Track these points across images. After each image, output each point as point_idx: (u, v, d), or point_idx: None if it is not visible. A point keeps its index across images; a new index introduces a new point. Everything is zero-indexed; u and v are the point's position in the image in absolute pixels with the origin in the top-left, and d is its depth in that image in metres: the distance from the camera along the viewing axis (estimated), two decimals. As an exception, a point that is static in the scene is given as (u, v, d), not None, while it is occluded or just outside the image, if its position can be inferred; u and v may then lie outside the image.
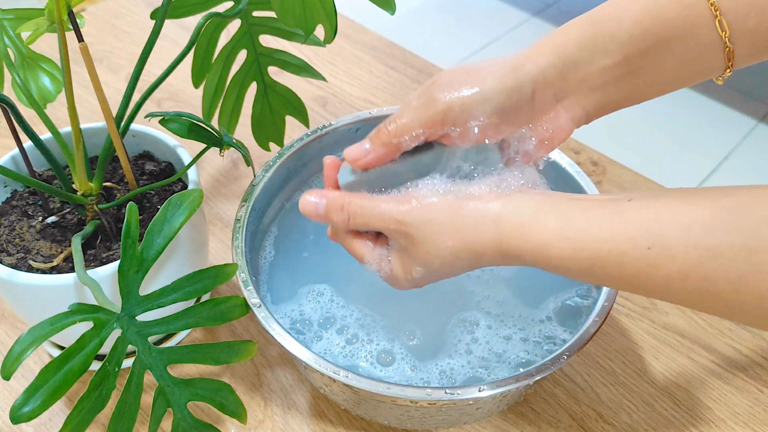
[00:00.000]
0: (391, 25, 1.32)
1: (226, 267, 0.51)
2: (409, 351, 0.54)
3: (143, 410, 0.56)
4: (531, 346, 0.53)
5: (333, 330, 0.55)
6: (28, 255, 0.54)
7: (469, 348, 0.53)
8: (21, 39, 0.55)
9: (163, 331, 0.49)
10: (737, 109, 1.86)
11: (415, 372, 0.52)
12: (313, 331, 0.55)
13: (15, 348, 0.43)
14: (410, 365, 0.53)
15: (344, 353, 0.53)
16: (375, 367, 0.53)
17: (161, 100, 0.89)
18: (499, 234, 0.44)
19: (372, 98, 0.89)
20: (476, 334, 0.54)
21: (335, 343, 0.54)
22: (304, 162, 0.63)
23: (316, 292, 0.57)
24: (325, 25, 0.55)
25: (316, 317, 0.56)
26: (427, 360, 0.53)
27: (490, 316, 0.55)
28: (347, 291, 0.57)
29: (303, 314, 0.56)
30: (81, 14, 0.73)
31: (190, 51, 0.56)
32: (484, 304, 0.56)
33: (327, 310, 0.56)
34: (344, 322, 0.55)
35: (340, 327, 0.55)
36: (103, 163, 0.56)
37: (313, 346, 0.54)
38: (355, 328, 0.55)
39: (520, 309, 0.56)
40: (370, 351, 0.54)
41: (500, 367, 0.52)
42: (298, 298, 0.57)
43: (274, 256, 0.60)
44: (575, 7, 2.23)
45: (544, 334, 0.54)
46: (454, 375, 0.52)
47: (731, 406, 0.58)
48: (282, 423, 0.57)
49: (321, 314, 0.56)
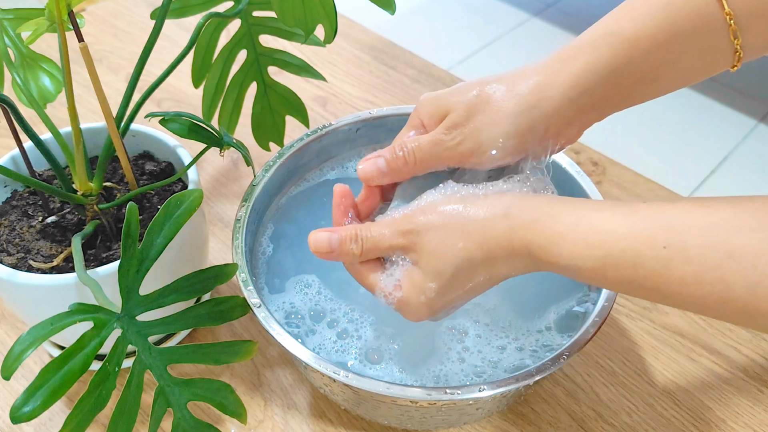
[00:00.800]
0: (391, 25, 1.32)
1: (226, 267, 0.51)
2: (397, 353, 0.53)
3: (143, 410, 0.56)
4: (527, 354, 0.53)
5: (324, 323, 0.54)
6: (28, 255, 0.54)
7: (461, 356, 0.53)
8: (21, 39, 0.55)
9: (163, 331, 0.49)
10: (737, 109, 1.86)
11: (404, 374, 0.52)
12: (306, 326, 0.54)
13: (15, 348, 0.43)
14: (399, 367, 0.52)
15: (336, 348, 0.53)
16: (365, 365, 0.52)
17: (161, 100, 0.89)
18: (510, 228, 0.42)
19: (372, 98, 0.89)
20: (466, 342, 0.54)
21: (328, 338, 0.54)
22: (304, 162, 0.63)
23: (303, 284, 0.57)
24: (325, 25, 0.55)
25: (306, 309, 0.55)
26: (419, 365, 0.53)
27: (479, 325, 0.54)
28: (334, 283, 0.57)
29: (294, 306, 0.55)
30: (81, 14, 0.73)
31: (190, 51, 0.56)
32: (473, 312, 0.55)
33: (316, 302, 0.56)
34: (333, 315, 0.55)
35: (330, 320, 0.55)
36: (103, 163, 0.56)
37: (308, 341, 0.53)
38: (345, 323, 0.55)
39: (515, 318, 0.55)
40: (360, 347, 0.53)
41: (496, 374, 0.52)
42: (288, 290, 0.56)
43: (270, 251, 0.59)
44: (575, 7, 2.23)
45: (542, 343, 0.53)
46: (449, 380, 0.52)
47: (731, 406, 0.58)
48: (282, 423, 0.57)
49: (310, 306, 0.55)
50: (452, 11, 2.26)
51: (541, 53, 2.05)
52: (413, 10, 2.23)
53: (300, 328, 0.54)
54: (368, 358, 0.53)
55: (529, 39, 2.14)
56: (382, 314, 0.55)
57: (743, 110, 1.86)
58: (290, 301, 0.56)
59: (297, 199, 0.63)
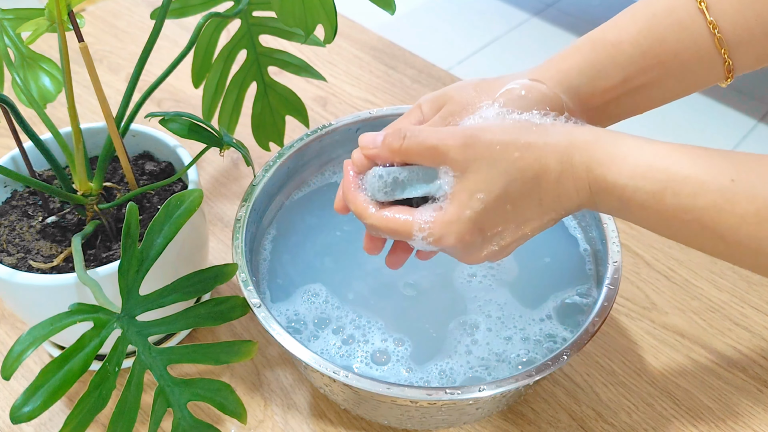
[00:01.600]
0: (391, 25, 1.32)
1: (226, 267, 0.51)
2: (407, 352, 0.54)
3: (143, 410, 0.56)
4: (531, 345, 0.53)
5: (329, 330, 0.55)
6: (29, 255, 0.54)
7: (468, 349, 0.53)
8: (21, 39, 0.55)
9: (163, 331, 0.49)
10: (737, 109, 1.86)
11: (411, 373, 0.52)
12: (309, 331, 0.55)
13: (15, 348, 0.43)
14: (406, 367, 0.53)
15: (341, 353, 0.53)
16: (371, 367, 0.53)
17: (161, 100, 0.89)
18: (572, 143, 0.41)
19: (372, 98, 0.89)
20: (476, 336, 0.54)
21: (332, 344, 0.54)
22: (304, 162, 0.63)
23: (311, 293, 0.57)
24: (325, 25, 0.55)
25: (311, 317, 0.55)
26: (426, 361, 0.53)
27: (491, 319, 0.55)
28: (342, 292, 0.57)
29: (297, 314, 0.56)
30: (81, 14, 0.73)
31: (190, 51, 0.56)
32: (486, 307, 0.56)
33: (322, 311, 0.56)
34: (339, 323, 0.55)
35: (336, 327, 0.55)
36: (103, 163, 0.56)
37: (310, 345, 0.54)
38: (351, 329, 0.55)
39: (520, 310, 0.56)
40: (366, 351, 0.54)
41: (501, 366, 0.52)
42: (293, 299, 0.57)
43: (272, 256, 0.60)
44: (575, 7, 2.23)
45: (545, 332, 0.54)
46: (453, 375, 0.52)
47: (731, 406, 0.58)
48: (282, 423, 0.57)
49: (315, 315, 0.56)
50: (452, 11, 2.26)
51: (541, 53, 2.06)
52: (413, 10, 2.23)
53: (302, 335, 0.54)
54: (375, 360, 0.53)
55: (529, 39, 2.14)
56: (390, 319, 0.55)
57: (743, 110, 1.86)
58: (294, 309, 0.56)
59: (299, 204, 0.63)
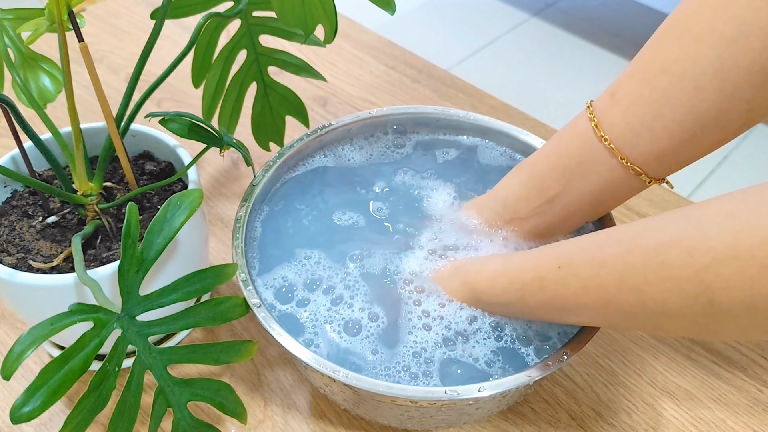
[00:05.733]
0: (391, 25, 1.32)
1: (226, 267, 0.51)
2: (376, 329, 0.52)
3: (143, 410, 0.56)
4: (527, 344, 0.53)
5: (319, 291, 0.53)
6: (28, 255, 0.54)
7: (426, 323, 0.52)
8: (21, 39, 0.55)
9: (163, 331, 0.49)
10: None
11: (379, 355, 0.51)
12: (297, 297, 0.53)
13: (15, 348, 0.43)
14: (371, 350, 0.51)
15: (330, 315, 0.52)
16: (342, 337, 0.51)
17: (161, 100, 0.89)
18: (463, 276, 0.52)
19: (372, 98, 0.89)
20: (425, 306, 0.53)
21: (322, 304, 0.53)
22: (304, 162, 0.63)
23: (298, 258, 0.56)
24: (325, 25, 0.55)
25: (300, 282, 0.54)
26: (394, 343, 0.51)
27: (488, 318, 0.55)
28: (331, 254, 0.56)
29: (286, 279, 0.54)
30: (81, 14, 0.73)
31: (190, 51, 0.56)
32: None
33: (312, 272, 0.55)
34: (330, 282, 0.54)
35: (326, 288, 0.54)
36: (103, 163, 0.56)
37: (299, 313, 0.52)
38: (341, 289, 0.54)
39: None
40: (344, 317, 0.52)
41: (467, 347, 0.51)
42: (281, 267, 0.55)
43: (261, 234, 0.58)
44: (575, 8, 2.23)
45: (544, 332, 0.54)
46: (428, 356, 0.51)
47: (731, 406, 0.58)
48: (282, 423, 0.57)
49: (306, 277, 0.55)
50: (452, 11, 2.26)
51: (541, 53, 2.06)
52: (413, 10, 2.23)
53: (294, 300, 0.53)
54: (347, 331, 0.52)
55: (529, 39, 2.14)
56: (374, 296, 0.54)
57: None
58: (282, 275, 0.55)
59: (290, 184, 0.62)
